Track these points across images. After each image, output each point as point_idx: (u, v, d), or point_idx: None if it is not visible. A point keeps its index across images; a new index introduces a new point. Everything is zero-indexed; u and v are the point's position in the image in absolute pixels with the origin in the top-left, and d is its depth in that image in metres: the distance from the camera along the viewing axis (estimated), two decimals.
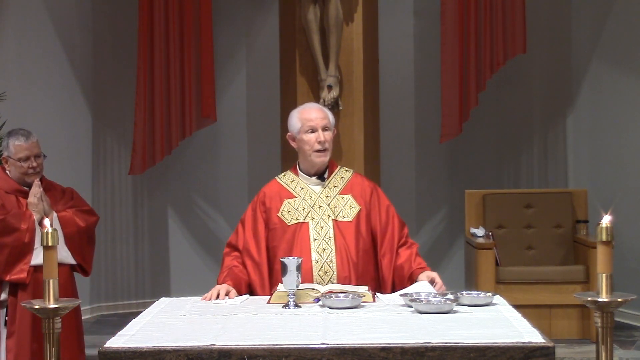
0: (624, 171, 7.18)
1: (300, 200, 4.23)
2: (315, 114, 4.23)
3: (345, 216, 4.19)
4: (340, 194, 4.24)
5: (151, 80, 7.05)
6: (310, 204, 4.22)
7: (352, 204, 4.22)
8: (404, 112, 8.14)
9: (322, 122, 4.19)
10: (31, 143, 4.78)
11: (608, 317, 3.10)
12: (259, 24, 8.25)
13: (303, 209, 4.21)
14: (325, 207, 4.21)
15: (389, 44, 7.81)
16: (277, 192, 4.29)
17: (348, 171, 4.35)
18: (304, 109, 4.31)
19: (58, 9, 7.32)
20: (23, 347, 4.68)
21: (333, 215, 4.19)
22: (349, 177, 4.31)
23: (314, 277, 4.08)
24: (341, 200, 4.23)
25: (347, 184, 4.28)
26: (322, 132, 4.18)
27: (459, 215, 7.53)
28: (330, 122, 4.23)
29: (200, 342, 3.01)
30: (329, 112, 4.31)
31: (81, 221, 4.86)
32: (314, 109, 4.30)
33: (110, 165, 7.88)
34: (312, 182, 4.28)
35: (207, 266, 8.22)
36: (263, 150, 8.21)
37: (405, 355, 2.92)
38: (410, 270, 4.13)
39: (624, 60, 7.19)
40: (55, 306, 3.14)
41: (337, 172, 4.31)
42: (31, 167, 4.76)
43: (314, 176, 4.28)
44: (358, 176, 4.36)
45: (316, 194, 4.24)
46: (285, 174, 4.37)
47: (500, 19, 6.90)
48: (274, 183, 4.35)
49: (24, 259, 4.68)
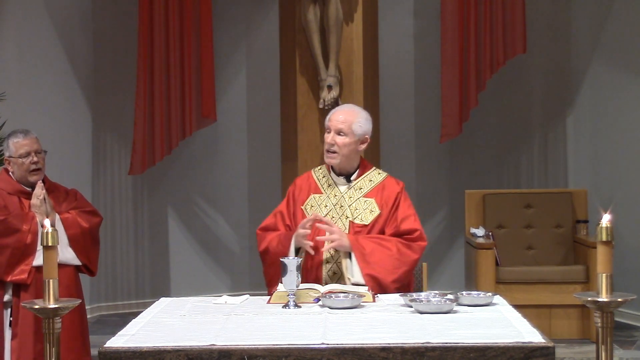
0: (624, 171, 7.17)
1: (324, 197, 4.24)
2: (336, 116, 4.21)
3: (363, 219, 4.18)
4: (364, 196, 4.22)
5: (151, 80, 7.05)
6: (333, 203, 4.22)
7: (373, 207, 4.20)
8: (404, 112, 8.14)
9: (337, 125, 4.17)
10: (30, 139, 4.80)
11: (608, 317, 3.10)
12: (259, 24, 8.25)
13: (325, 207, 4.21)
14: (346, 207, 4.20)
15: (389, 44, 7.82)
16: (307, 185, 4.30)
17: (380, 174, 4.31)
18: (335, 109, 4.32)
19: (58, 9, 7.32)
20: (26, 348, 4.67)
21: (351, 217, 4.18)
22: (379, 180, 4.28)
23: (323, 277, 4.08)
24: (363, 203, 4.21)
25: (374, 187, 4.24)
26: (334, 135, 4.16)
27: (459, 215, 7.53)
28: (351, 129, 4.15)
29: (200, 342, 3.01)
30: (361, 120, 4.20)
31: (84, 222, 4.86)
32: (340, 111, 4.27)
33: (110, 165, 7.88)
34: (340, 181, 4.27)
35: (207, 266, 8.22)
36: (263, 150, 8.22)
37: (405, 355, 2.92)
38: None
39: (624, 60, 7.19)
40: (55, 306, 3.14)
41: (368, 175, 4.28)
42: (33, 163, 4.77)
43: (342, 176, 4.27)
44: (390, 180, 4.30)
45: (340, 194, 4.23)
46: (320, 167, 4.36)
47: (500, 19, 6.90)
48: (307, 175, 4.37)
49: (26, 260, 4.68)
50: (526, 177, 8.04)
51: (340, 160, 4.19)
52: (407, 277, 4.14)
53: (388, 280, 4.03)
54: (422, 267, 4.71)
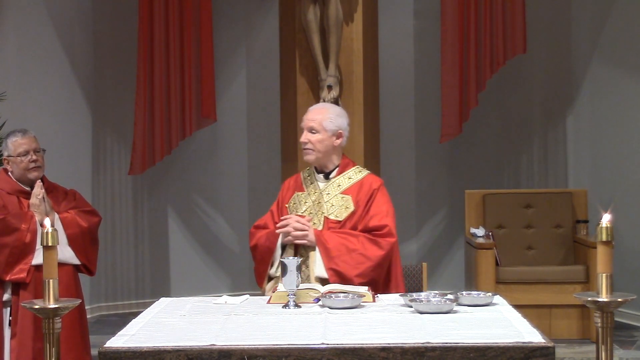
0: (624, 171, 7.17)
1: (305, 195, 4.32)
2: (308, 115, 4.32)
3: (338, 216, 4.24)
4: (342, 193, 4.28)
5: (151, 80, 7.05)
6: (313, 200, 4.29)
7: (348, 204, 4.25)
8: (404, 112, 8.14)
9: (309, 123, 4.29)
10: (28, 137, 4.83)
11: (608, 317, 3.10)
12: (259, 24, 8.25)
13: (305, 203, 4.30)
14: (324, 204, 4.26)
15: (389, 44, 7.81)
16: (293, 184, 4.42)
17: (361, 172, 4.37)
18: (308, 109, 4.40)
19: (58, 9, 7.32)
20: (25, 347, 4.68)
21: (327, 213, 4.24)
22: (358, 178, 4.33)
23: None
24: (340, 200, 4.26)
25: (353, 184, 4.29)
26: (306, 133, 4.27)
27: (459, 215, 7.53)
28: (322, 125, 4.25)
29: (200, 342, 3.01)
30: (332, 115, 4.29)
31: (83, 222, 4.87)
32: (312, 110, 4.38)
33: (110, 165, 7.88)
34: (320, 178, 4.35)
35: (207, 266, 8.22)
36: (263, 150, 8.22)
37: (405, 355, 2.92)
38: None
39: (624, 60, 7.19)
40: (55, 306, 3.14)
41: (348, 172, 4.34)
42: (32, 161, 4.78)
43: (322, 173, 4.34)
44: (369, 178, 4.35)
45: (319, 190, 4.31)
46: (309, 167, 4.43)
47: (500, 19, 6.90)
48: (297, 175, 4.49)
49: (25, 259, 4.69)
50: (526, 177, 8.04)
51: (317, 157, 4.28)
52: (373, 273, 4.14)
53: (351, 275, 4.07)
54: (422, 267, 4.72)
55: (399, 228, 8.23)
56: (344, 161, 4.36)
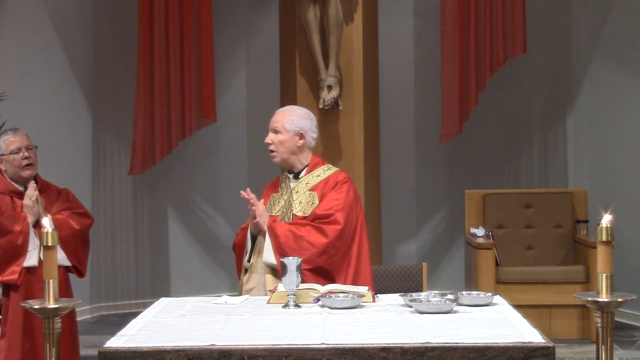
0: (624, 171, 7.17)
1: (279, 196, 4.44)
2: (274, 117, 4.44)
3: (305, 212, 4.32)
4: (309, 190, 4.37)
5: (151, 80, 7.06)
6: (285, 199, 4.39)
7: (315, 200, 4.35)
8: (404, 112, 8.14)
9: (272, 124, 4.41)
10: (20, 135, 4.85)
11: (608, 317, 3.10)
12: (259, 24, 8.25)
13: (278, 204, 4.41)
14: (293, 202, 4.36)
15: (389, 44, 7.81)
16: (271, 186, 4.55)
17: (330, 169, 4.44)
18: (277, 110, 4.52)
19: (58, 9, 7.32)
20: (14, 348, 4.71)
21: (295, 210, 4.34)
22: (326, 175, 4.40)
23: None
24: (308, 197, 4.35)
25: (320, 181, 4.38)
26: (270, 133, 4.40)
27: (459, 215, 7.53)
28: (284, 126, 4.35)
29: (200, 342, 3.01)
30: (294, 117, 4.38)
31: (76, 224, 4.88)
32: (279, 111, 4.50)
33: (110, 165, 7.87)
34: (290, 178, 4.45)
35: (207, 266, 8.22)
36: (263, 150, 8.13)
37: (405, 355, 2.92)
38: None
39: (624, 60, 7.19)
40: (56, 306, 3.14)
41: (317, 171, 4.42)
42: (25, 158, 4.78)
43: (292, 173, 4.45)
44: (335, 174, 4.42)
45: (290, 190, 4.41)
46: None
47: (500, 19, 6.90)
48: (277, 177, 4.58)
49: (17, 260, 4.70)
50: (526, 177, 8.04)
51: (282, 158, 4.39)
52: (319, 260, 4.19)
53: None
54: (422, 267, 4.72)
55: (399, 228, 8.27)
56: (313, 160, 4.44)
